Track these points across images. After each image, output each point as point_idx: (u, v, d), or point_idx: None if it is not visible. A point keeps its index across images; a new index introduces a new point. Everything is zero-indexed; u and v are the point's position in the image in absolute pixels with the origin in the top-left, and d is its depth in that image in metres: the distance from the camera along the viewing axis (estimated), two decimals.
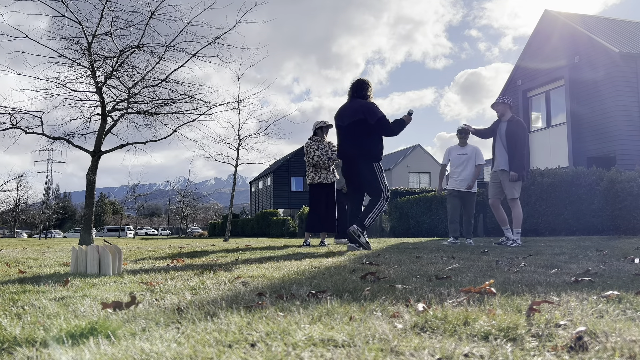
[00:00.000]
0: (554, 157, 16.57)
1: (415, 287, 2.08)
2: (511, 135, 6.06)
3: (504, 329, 1.25)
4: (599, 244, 5.49)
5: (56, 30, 10.96)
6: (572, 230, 10.10)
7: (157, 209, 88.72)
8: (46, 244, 13.31)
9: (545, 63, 17.40)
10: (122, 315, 1.56)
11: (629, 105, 14.85)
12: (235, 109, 15.22)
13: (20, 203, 54.47)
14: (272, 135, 16.48)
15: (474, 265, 3.13)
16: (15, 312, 1.68)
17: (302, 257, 4.27)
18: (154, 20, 11.02)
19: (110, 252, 3.12)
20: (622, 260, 3.32)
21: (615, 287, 1.94)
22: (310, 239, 7.22)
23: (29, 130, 11.37)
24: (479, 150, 7.22)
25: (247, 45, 22.55)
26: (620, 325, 1.26)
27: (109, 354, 1.08)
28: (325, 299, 1.79)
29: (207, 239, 20.60)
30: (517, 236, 6.07)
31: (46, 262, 4.27)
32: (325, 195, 7.06)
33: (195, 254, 5.24)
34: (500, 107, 6.23)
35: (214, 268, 3.27)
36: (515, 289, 1.95)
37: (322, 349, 1.11)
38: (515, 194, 6.09)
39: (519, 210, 6.12)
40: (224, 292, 2.07)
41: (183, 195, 45.94)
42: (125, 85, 11.70)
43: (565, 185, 10.20)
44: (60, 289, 2.30)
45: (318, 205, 7.04)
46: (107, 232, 56.26)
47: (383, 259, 3.83)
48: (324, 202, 7.05)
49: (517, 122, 6.10)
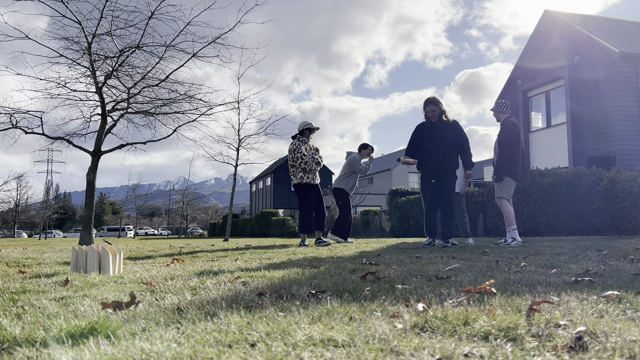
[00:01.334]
0: (554, 157, 16.57)
1: (415, 287, 2.08)
2: (500, 137, 6.17)
3: (504, 329, 1.25)
4: (599, 244, 5.49)
5: (56, 30, 11.00)
6: (572, 230, 10.10)
7: (157, 209, 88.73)
8: (46, 244, 13.31)
9: (545, 63, 17.40)
10: (122, 315, 1.56)
11: (629, 105, 14.86)
12: (235, 109, 15.23)
13: (20, 203, 54.48)
14: (272, 135, 16.49)
15: (474, 265, 3.13)
16: (15, 312, 1.68)
17: (302, 257, 4.27)
18: (154, 20, 11.03)
19: (110, 252, 3.12)
20: (622, 260, 3.32)
21: (615, 287, 1.94)
22: (307, 239, 7.23)
23: (29, 130, 11.37)
24: None
25: (247, 45, 22.62)
26: (620, 325, 1.26)
27: (109, 354, 1.08)
28: (325, 299, 1.79)
29: (207, 239, 20.60)
30: (513, 233, 6.04)
31: (46, 262, 4.27)
32: (313, 195, 7.09)
33: (196, 254, 5.24)
34: (495, 114, 6.34)
35: (214, 268, 3.27)
36: (515, 289, 1.95)
37: (322, 349, 1.11)
38: (501, 194, 6.13)
39: (506, 208, 6.12)
40: (224, 292, 2.07)
41: (183, 195, 45.93)
42: (125, 85, 11.71)
43: (565, 185, 10.20)
44: (60, 289, 2.30)
45: (309, 205, 7.08)
46: (107, 232, 56.26)
47: (383, 259, 3.83)
48: (314, 202, 7.09)
49: (504, 127, 6.12)
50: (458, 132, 6.20)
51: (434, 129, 6.16)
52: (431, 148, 6.13)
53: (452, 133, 6.16)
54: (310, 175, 7.07)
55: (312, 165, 6.97)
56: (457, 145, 6.16)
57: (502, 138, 6.10)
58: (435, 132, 6.14)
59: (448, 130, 6.15)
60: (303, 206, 7.12)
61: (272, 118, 16.64)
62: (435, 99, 6.22)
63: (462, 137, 6.19)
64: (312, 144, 7.25)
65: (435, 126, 6.18)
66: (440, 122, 6.17)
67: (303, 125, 7.19)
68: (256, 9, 11.87)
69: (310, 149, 7.16)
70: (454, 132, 6.17)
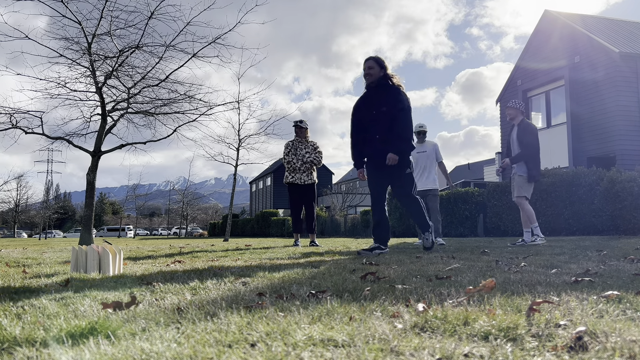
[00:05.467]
0: (554, 157, 16.58)
1: (415, 287, 2.08)
2: (520, 139, 6.14)
3: (504, 329, 1.25)
4: (599, 244, 5.49)
5: (56, 30, 10.97)
6: (572, 230, 10.10)
7: (157, 209, 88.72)
8: (46, 244, 13.31)
9: (545, 63, 17.40)
10: (122, 315, 1.56)
11: (629, 105, 14.86)
12: (235, 109, 15.23)
13: (20, 203, 54.49)
14: (272, 135, 16.48)
15: (474, 265, 3.13)
16: (15, 312, 1.68)
17: (302, 257, 4.28)
18: (153, 20, 11.02)
19: (110, 252, 3.12)
20: (622, 260, 3.32)
21: (615, 287, 1.93)
22: (299, 239, 7.25)
23: (29, 130, 11.37)
24: (437, 147, 7.17)
25: (247, 45, 22.55)
26: (620, 325, 1.26)
27: (109, 354, 1.08)
28: (325, 299, 1.79)
29: (207, 239, 20.60)
30: (537, 231, 6.04)
31: (46, 262, 4.27)
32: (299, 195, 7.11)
33: (196, 254, 5.24)
34: (512, 111, 6.25)
35: (214, 268, 3.27)
36: (515, 289, 1.95)
37: (322, 349, 1.11)
38: (522, 193, 6.14)
39: (527, 207, 6.15)
40: (224, 292, 2.07)
41: (183, 195, 45.94)
42: (125, 85, 11.70)
43: (565, 185, 10.20)
44: (60, 289, 2.30)
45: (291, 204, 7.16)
46: (107, 232, 56.27)
47: (383, 259, 3.83)
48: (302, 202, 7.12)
49: (525, 126, 6.14)
50: (393, 101, 4.56)
51: (371, 100, 4.66)
52: (369, 127, 4.65)
53: (389, 103, 4.57)
54: (294, 175, 7.05)
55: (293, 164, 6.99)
56: (392, 119, 4.56)
57: (526, 137, 6.05)
58: (372, 105, 4.64)
59: (385, 101, 4.58)
60: (295, 206, 7.18)
61: (272, 118, 16.63)
62: (378, 57, 4.68)
63: (396, 108, 4.54)
64: (311, 140, 7.22)
65: (372, 95, 4.68)
66: (380, 89, 4.64)
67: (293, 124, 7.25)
68: (256, 9, 11.87)
69: (305, 146, 7.13)
70: (391, 102, 4.57)
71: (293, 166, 7.01)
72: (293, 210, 7.22)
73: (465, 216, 13.13)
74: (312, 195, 7.13)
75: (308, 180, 7.08)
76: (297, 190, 7.08)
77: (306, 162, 7.01)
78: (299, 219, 7.20)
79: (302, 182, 7.05)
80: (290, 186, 7.12)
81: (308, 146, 7.13)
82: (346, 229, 21.74)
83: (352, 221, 21.43)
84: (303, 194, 7.09)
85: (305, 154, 7.05)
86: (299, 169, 7.01)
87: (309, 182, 7.10)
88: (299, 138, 7.15)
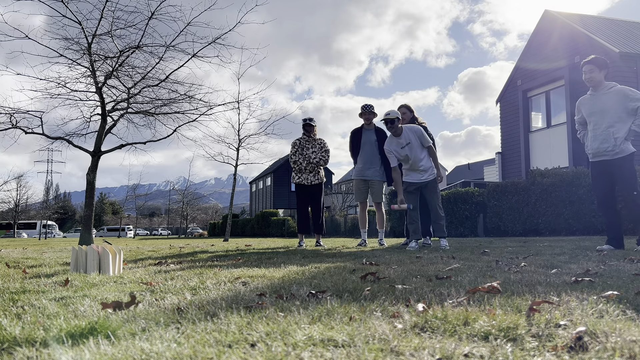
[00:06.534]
0: (554, 157, 16.57)
1: (415, 287, 2.08)
2: None
3: (504, 329, 1.25)
4: (599, 244, 5.49)
5: (56, 30, 10.96)
6: (572, 230, 10.10)
7: (157, 209, 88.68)
8: (46, 244, 13.31)
9: (545, 63, 17.40)
10: (122, 315, 1.56)
11: None
12: (235, 109, 15.24)
13: (20, 203, 54.44)
14: (272, 135, 16.49)
15: (474, 265, 3.13)
16: (15, 312, 1.68)
17: (301, 257, 4.27)
18: (154, 21, 11.02)
19: (110, 252, 3.12)
20: (622, 260, 3.32)
21: (615, 287, 1.93)
22: (304, 239, 7.23)
23: (28, 130, 11.37)
24: (421, 131, 5.74)
25: (247, 45, 22.59)
26: (620, 325, 1.26)
27: (109, 354, 1.08)
28: (325, 299, 1.79)
29: (207, 239, 20.60)
30: None
31: (46, 262, 4.27)
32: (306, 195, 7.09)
33: (196, 254, 5.24)
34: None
35: (214, 268, 3.27)
36: (515, 289, 1.95)
37: (322, 349, 1.11)
38: None
39: None
40: (224, 292, 2.07)
41: (183, 195, 45.91)
42: (125, 85, 11.70)
43: (565, 185, 10.20)
44: (60, 289, 2.30)
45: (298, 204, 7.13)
46: (107, 232, 56.26)
47: (383, 259, 3.83)
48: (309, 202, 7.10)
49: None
50: None
51: None
52: None
53: None
54: (300, 175, 7.04)
55: (299, 164, 6.98)
56: None
57: None
58: None
59: None
60: (302, 207, 7.16)
61: (273, 118, 16.64)
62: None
63: None
64: (319, 138, 7.18)
65: None
66: None
67: (302, 122, 7.21)
68: (256, 9, 11.87)
69: (312, 145, 7.10)
70: None
71: (299, 166, 6.99)
72: (299, 210, 7.18)
73: (465, 216, 13.12)
74: (319, 195, 7.10)
75: (315, 180, 7.04)
76: (305, 190, 7.07)
77: (312, 163, 7.01)
78: (304, 219, 7.16)
79: (309, 182, 7.03)
80: (298, 187, 7.11)
81: (315, 145, 7.08)
82: (346, 229, 21.73)
83: (352, 221, 21.42)
84: (310, 194, 7.08)
85: (311, 153, 7.02)
86: (305, 169, 7.00)
87: (316, 182, 7.06)
88: (306, 137, 7.11)
